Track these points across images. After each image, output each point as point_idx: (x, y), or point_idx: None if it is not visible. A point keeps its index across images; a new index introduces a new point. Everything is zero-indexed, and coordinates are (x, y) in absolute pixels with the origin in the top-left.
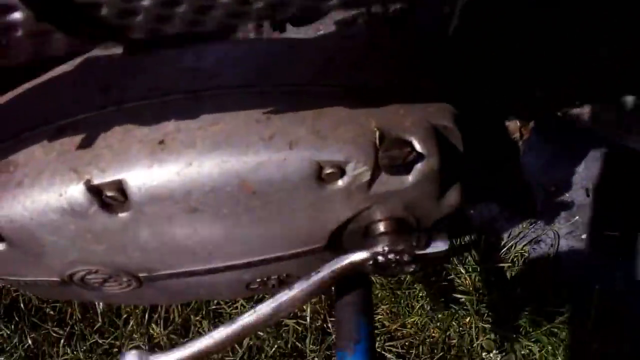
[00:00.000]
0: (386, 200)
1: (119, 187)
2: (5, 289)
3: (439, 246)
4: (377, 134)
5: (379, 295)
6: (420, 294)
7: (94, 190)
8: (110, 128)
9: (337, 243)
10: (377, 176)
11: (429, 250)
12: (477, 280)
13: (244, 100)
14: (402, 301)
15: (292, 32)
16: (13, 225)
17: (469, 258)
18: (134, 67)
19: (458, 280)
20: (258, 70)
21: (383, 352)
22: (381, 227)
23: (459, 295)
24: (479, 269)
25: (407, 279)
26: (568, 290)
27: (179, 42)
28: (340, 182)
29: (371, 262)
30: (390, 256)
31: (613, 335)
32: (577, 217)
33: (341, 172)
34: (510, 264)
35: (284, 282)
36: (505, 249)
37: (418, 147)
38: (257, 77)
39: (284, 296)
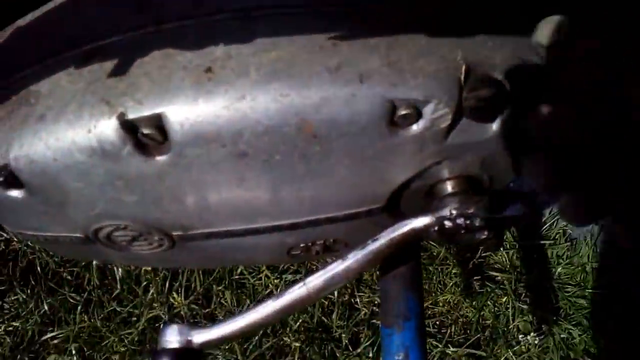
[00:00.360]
0: (462, 153)
1: (158, 123)
2: (22, 251)
3: (516, 209)
4: (464, 68)
5: None
6: (454, 271)
7: (129, 127)
8: (148, 53)
9: (396, 205)
10: (458, 122)
11: (507, 213)
12: (515, 258)
13: (306, 22)
14: (434, 277)
15: None
16: (33, 167)
17: (507, 234)
18: None
19: (495, 258)
20: None
21: None
22: (449, 186)
23: (495, 274)
24: (517, 246)
25: (441, 253)
26: (612, 272)
27: None
28: (415, 127)
29: (436, 227)
30: (459, 220)
31: None
32: None
33: (418, 115)
34: (551, 242)
35: (330, 249)
36: (546, 225)
37: (507, 85)
38: None
39: (337, 267)
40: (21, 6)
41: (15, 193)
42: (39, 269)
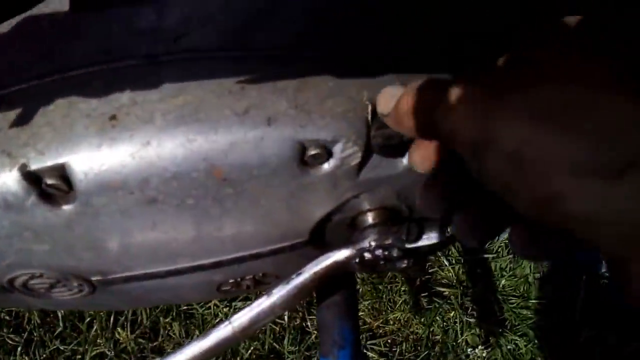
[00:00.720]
0: (376, 187)
1: (62, 173)
2: None
3: (432, 238)
4: (370, 108)
5: (360, 290)
6: (403, 288)
7: (32, 178)
8: (52, 101)
9: (321, 237)
10: (369, 158)
11: (421, 243)
12: (460, 272)
13: (214, 67)
14: (384, 296)
15: None
16: None
17: (452, 250)
18: (81, 28)
19: (441, 273)
20: (232, 30)
21: (365, 351)
22: (369, 218)
23: (442, 289)
24: (462, 261)
25: (390, 273)
26: (554, 282)
27: None
28: (326, 166)
29: (357, 259)
30: (378, 252)
31: (600, 326)
32: None
33: (327, 154)
34: (494, 255)
35: (260, 282)
36: None
37: None
38: (232, 39)
39: (262, 304)
40: None
41: None
42: None
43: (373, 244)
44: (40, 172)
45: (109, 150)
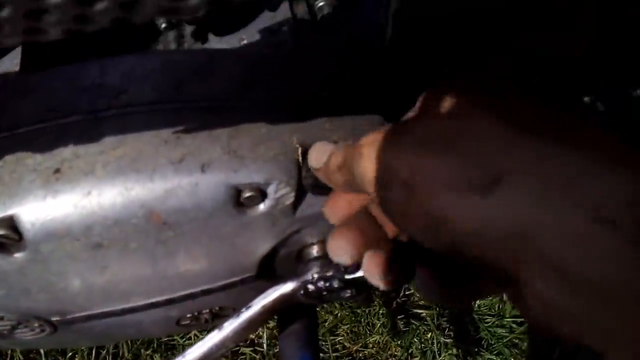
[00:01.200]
0: (315, 222)
1: (11, 224)
2: None
3: None
4: (300, 151)
5: (339, 315)
6: (381, 312)
7: None
8: (1, 158)
9: (271, 270)
10: (303, 197)
11: (359, 274)
12: None
13: (151, 119)
14: (362, 320)
15: (215, 43)
16: None
17: None
18: (30, 86)
19: (417, 295)
20: (170, 84)
21: None
22: (314, 251)
23: (419, 310)
24: None
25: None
26: None
27: (84, 55)
28: (262, 206)
29: (302, 291)
30: (320, 284)
31: (573, 345)
32: None
33: (262, 195)
34: None
35: (218, 315)
36: None
37: None
38: (169, 93)
39: (215, 337)
40: None
41: None
42: None
43: (315, 276)
44: None
45: (53, 201)
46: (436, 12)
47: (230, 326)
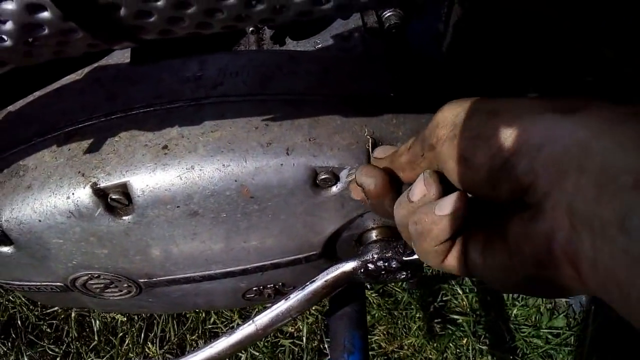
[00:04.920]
0: None
1: (124, 190)
2: (3, 305)
3: None
4: (370, 141)
5: (376, 315)
6: (418, 315)
7: (100, 193)
8: (117, 134)
9: (332, 251)
10: None
11: (416, 256)
12: (474, 301)
13: (243, 108)
14: (399, 322)
15: (292, 46)
16: (21, 228)
17: (466, 279)
18: (139, 76)
19: (455, 301)
20: (258, 80)
21: None
22: (373, 234)
23: (456, 317)
24: (475, 290)
25: (404, 299)
26: (565, 312)
27: (185, 52)
28: (334, 189)
29: (362, 270)
30: (380, 263)
31: (609, 357)
32: None
33: (335, 179)
34: None
35: (279, 292)
36: None
37: None
38: (257, 87)
39: (281, 306)
40: (11, 94)
41: (5, 249)
42: (19, 322)
43: (375, 256)
44: (107, 189)
45: (161, 172)
46: (494, 24)
47: (295, 297)
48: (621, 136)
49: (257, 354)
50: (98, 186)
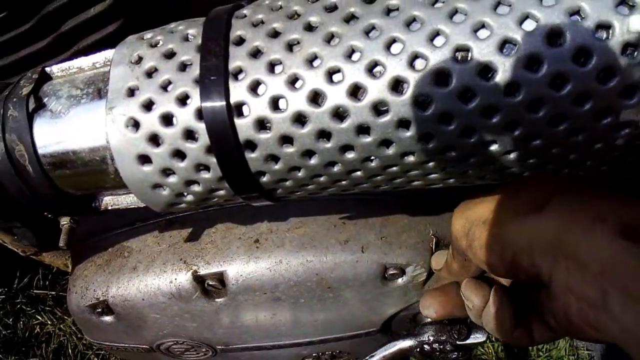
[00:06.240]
0: None
1: (220, 277)
2: (55, 333)
3: (478, 337)
4: (434, 241)
5: None
6: None
7: (199, 279)
8: (214, 224)
9: (388, 326)
10: (431, 275)
11: (470, 341)
12: (500, 350)
13: (323, 205)
14: None
15: None
16: (126, 304)
17: None
18: None
19: (482, 349)
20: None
21: None
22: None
23: None
24: (501, 343)
25: None
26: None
27: None
28: (400, 280)
29: (418, 349)
30: (435, 345)
31: None
32: None
33: (402, 273)
34: None
35: (335, 357)
36: None
37: None
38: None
39: None
40: None
41: (107, 319)
42: (69, 350)
43: (431, 338)
44: (206, 276)
45: (254, 264)
46: None
47: None
48: (583, 224)
49: None
50: (198, 273)
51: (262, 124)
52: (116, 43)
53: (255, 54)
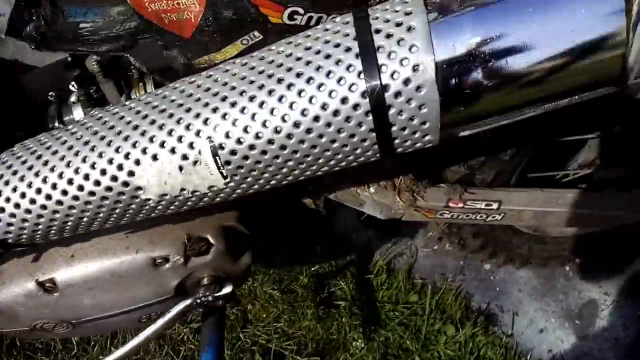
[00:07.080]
0: (202, 267)
1: (53, 281)
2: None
3: (227, 289)
4: (186, 237)
5: (281, 308)
6: (312, 304)
7: (40, 283)
8: (47, 249)
9: (184, 291)
10: (189, 259)
11: (221, 292)
12: (352, 289)
13: (117, 228)
14: (297, 311)
15: None
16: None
17: (347, 273)
18: None
19: (339, 291)
20: None
21: (282, 350)
22: (205, 280)
23: (338, 302)
24: (355, 281)
25: (303, 293)
26: (418, 290)
27: None
28: (167, 265)
29: (195, 303)
30: (203, 298)
31: (449, 318)
32: (430, 233)
33: (166, 260)
34: (374, 276)
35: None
36: (373, 262)
37: (211, 239)
38: None
39: (143, 335)
40: None
41: None
42: (18, 343)
43: (200, 294)
44: (44, 281)
45: (72, 270)
46: None
47: (152, 328)
48: None
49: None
50: (39, 280)
51: None
52: None
53: None
